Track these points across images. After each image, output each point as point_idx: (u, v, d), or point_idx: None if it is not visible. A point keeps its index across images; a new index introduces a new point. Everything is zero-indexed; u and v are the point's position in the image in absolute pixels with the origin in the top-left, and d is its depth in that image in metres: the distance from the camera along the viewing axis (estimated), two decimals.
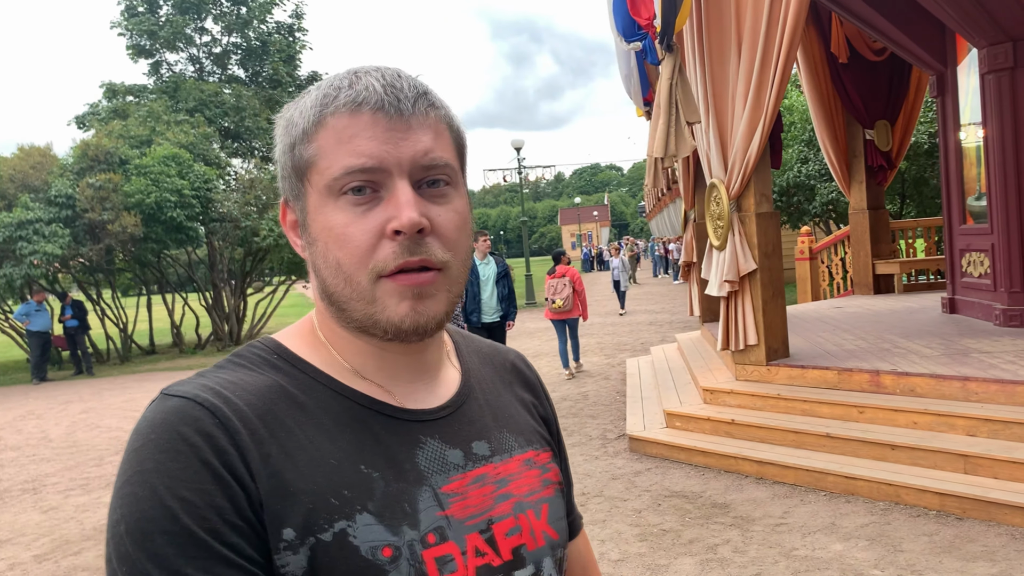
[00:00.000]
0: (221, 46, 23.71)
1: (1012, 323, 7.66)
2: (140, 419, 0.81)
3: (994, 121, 7.80)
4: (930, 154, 15.57)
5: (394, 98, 0.84)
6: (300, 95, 0.90)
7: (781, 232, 7.34)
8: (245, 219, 18.34)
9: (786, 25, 6.32)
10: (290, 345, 0.92)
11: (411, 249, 0.83)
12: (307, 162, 0.86)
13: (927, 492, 5.04)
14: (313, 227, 0.87)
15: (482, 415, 0.99)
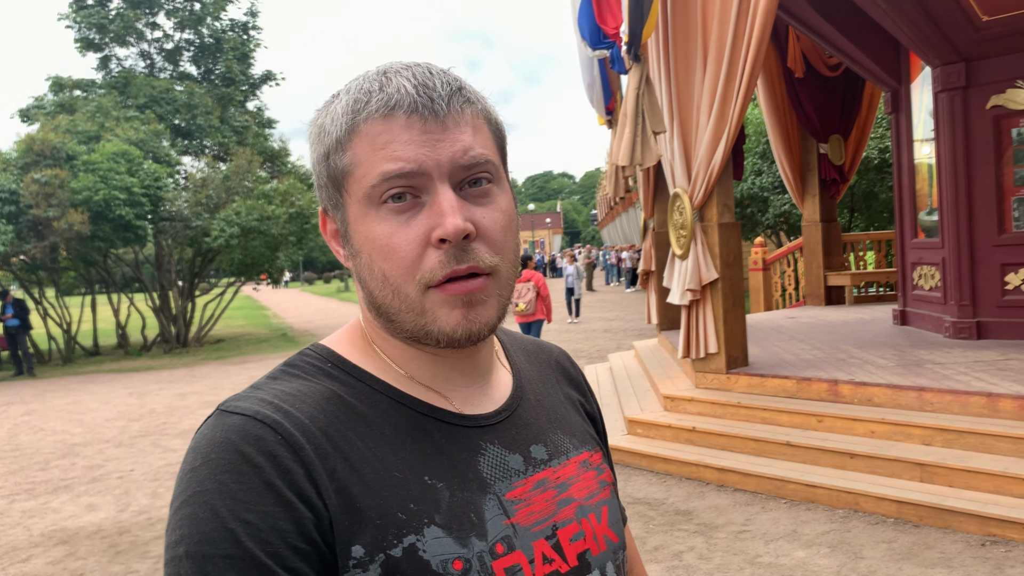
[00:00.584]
0: (173, 42, 23.26)
1: (961, 335, 7.86)
2: (197, 437, 0.79)
3: (946, 138, 8.02)
4: (880, 169, 15.96)
5: (427, 98, 0.81)
6: (330, 99, 0.87)
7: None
8: (196, 219, 18.02)
9: (751, 39, 6.41)
10: (343, 352, 0.90)
11: (458, 257, 0.81)
12: (343, 171, 0.84)
13: (885, 500, 5.14)
14: (356, 238, 0.85)
15: (537, 417, 0.97)
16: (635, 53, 6.96)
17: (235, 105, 23.43)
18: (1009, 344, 7.40)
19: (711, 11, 6.76)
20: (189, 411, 10.96)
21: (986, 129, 7.74)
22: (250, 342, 21.00)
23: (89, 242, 16.76)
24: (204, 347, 20.29)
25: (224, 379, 14.13)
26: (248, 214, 17.67)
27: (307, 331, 23.43)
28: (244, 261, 19.33)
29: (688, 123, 7.09)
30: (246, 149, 20.38)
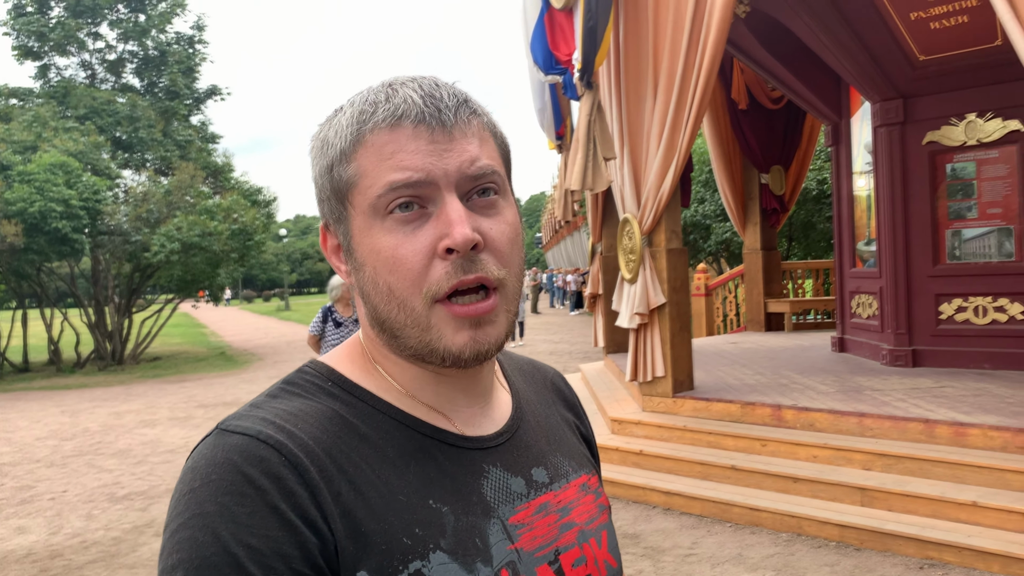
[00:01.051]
0: (116, 53, 22.85)
1: (898, 363, 8.10)
2: (196, 456, 0.76)
3: (884, 171, 8.29)
4: (818, 200, 16.40)
5: (434, 108, 0.80)
6: (333, 113, 0.86)
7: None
8: (136, 233, 17.63)
9: (701, 71, 6.56)
10: (343, 370, 0.88)
11: (465, 267, 0.79)
12: (347, 183, 0.82)
13: (828, 524, 5.24)
14: (359, 251, 0.83)
15: (537, 439, 0.96)
16: (587, 80, 7.06)
17: (179, 119, 23.07)
18: (943, 372, 7.64)
19: (662, 42, 6.90)
20: (125, 430, 10.67)
21: (922, 164, 8.02)
22: (188, 360, 20.55)
23: (22, 255, 16.27)
24: (140, 365, 19.79)
25: (161, 398, 13.79)
26: (190, 230, 17.35)
27: (246, 350, 23.03)
28: (184, 277, 18.94)
29: (638, 150, 7.21)
30: (189, 164, 20.05)
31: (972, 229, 7.81)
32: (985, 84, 7.58)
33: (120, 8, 22.36)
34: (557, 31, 7.83)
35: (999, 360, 7.58)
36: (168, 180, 19.98)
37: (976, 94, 7.66)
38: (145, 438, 10.06)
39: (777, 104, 11.23)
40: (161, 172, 22.17)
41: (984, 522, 4.89)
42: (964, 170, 7.84)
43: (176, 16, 22.91)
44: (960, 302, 7.82)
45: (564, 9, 7.41)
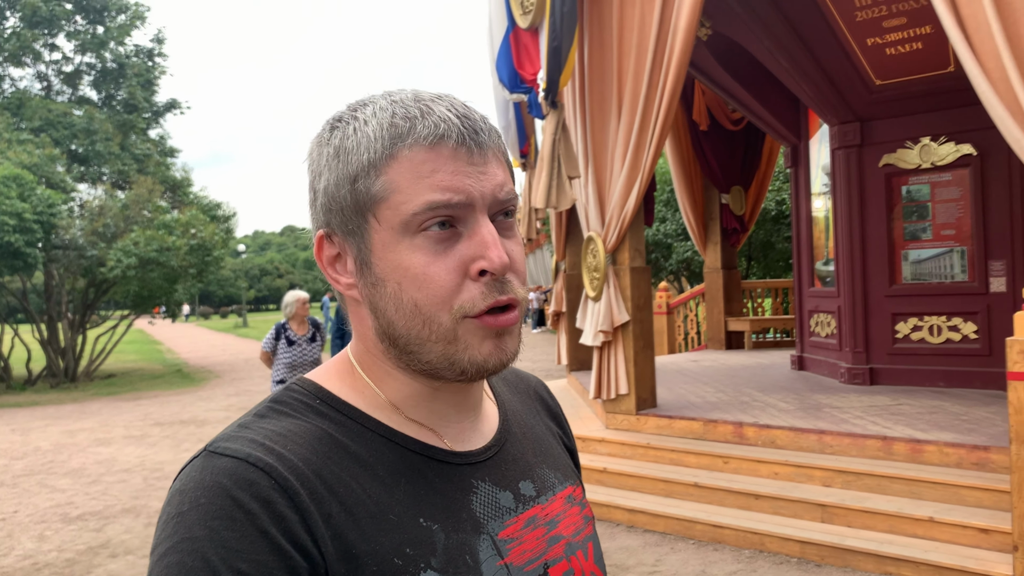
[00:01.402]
0: (73, 65, 22.52)
1: (855, 381, 8.23)
2: (184, 479, 0.75)
3: (842, 193, 8.46)
4: (777, 220, 16.66)
5: (472, 131, 0.81)
6: (345, 121, 0.84)
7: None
8: (91, 248, 17.32)
9: (664, 92, 6.65)
10: (331, 387, 0.87)
11: (499, 289, 0.80)
12: (375, 197, 0.81)
13: (789, 540, 5.30)
14: (380, 266, 0.82)
15: (523, 452, 0.96)
16: (552, 100, 7.12)
17: (137, 132, 22.77)
18: (900, 390, 7.79)
19: (627, 63, 6.99)
20: (79, 449, 10.44)
21: (879, 185, 8.21)
22: (143, 378, 20.18)
23: None
24: (94, 382, 19.38)
25: (116, 416, 13.52)
26: (147, 244, 17.09)
27: (203, 367, 22.69)
28: (140, 293, 18.63)
29: (603, 169, 7.28)
30: (147, 178, 19.78)
31: (927, 250, 8.00)
32: (939, 109, 7.79)
33: (78, 19, 22.07)
34: (522, 50, 7.89)
35: (953, 378, 7.75)
36: (125, 194, 19.70)
37: (930, 118, 7.86)
38: (99, 457, 9.85)
39: (737, 126, 11.42)
40: (118, 186, 21.84)
41: (940, 537, 4.98)
42: (919, 192, 8.03)
43: (135, 29, 22.66)
44: (915, 321, 7.99)
45: (529, 29, 7.47)
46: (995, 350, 7.42)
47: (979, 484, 5.12)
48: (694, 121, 11.26)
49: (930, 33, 7.34)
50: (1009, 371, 4.38)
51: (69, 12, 21.63)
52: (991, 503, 5.04)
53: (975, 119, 7.10)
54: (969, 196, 7.69)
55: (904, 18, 7.39)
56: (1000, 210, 7.52)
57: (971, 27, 4.88)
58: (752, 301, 13.62)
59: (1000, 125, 4.80)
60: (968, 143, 7.61)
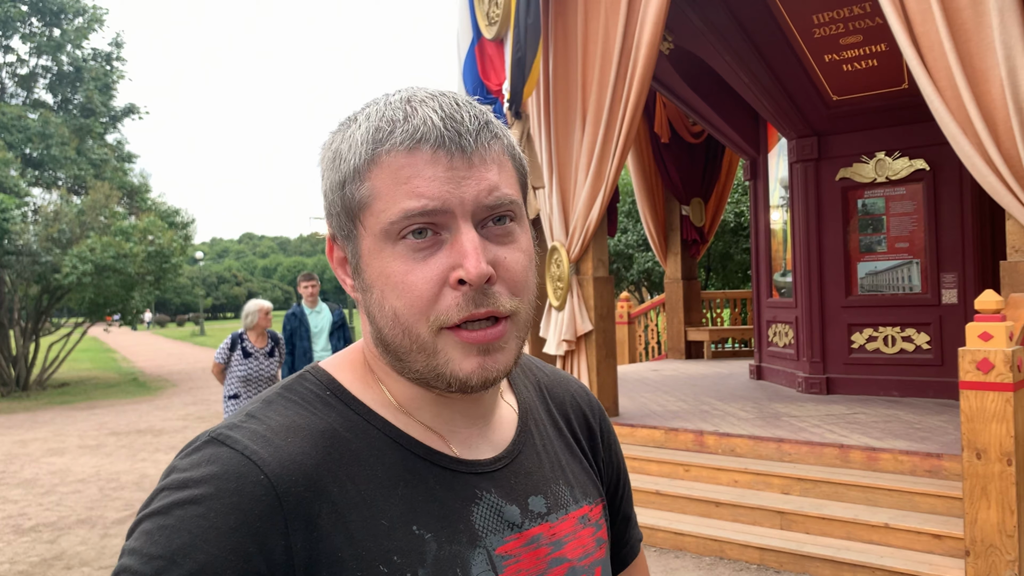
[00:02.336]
0: (28, 67, 22.11)
1: (812, 390, 8.38)
2: (181, 455, 0.76)
3: (799, 205, 8.62)
4: (735, 232, 16.91)
5: (454, 132, 0.77)
6: (347, 123, 0.83)
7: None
8: (45, 254, 16.98)
9: (628, 104, 6.73)
10: (343, 380, 0.86)
11: (476, 300, 0.77)
12: (360, 203, 0.79)
13: (749, 547, 5.38)
14: (367, 272, 0.81)
15: (539, 465, 0.92)
16: (516, 110, 7.17)
17: (94, 137, 22.40)
18: (855, 399, 7.94)
19: (591, 75, 7.07)
20: (31, 459, 10.22)
21: (835, 199, 8.38)
22: (98, 386, 19.81)
23: None
24: (47, 391, 18.98)
25: (70, 425, 13.25)
26: (103, 251, 16.82)
27: (160, 376, 22.34)
28: (96, 300, 18.30)
29: (567, 180, 7.34)
30: (104, 183, 19.47)
31: (882, 262, 8.18)
32: (893, 124, 7.99)
33: (34, 22, 21.68)
34: (487, 61, 7.94)
35: (907, 388, 7.93)
36: (82, 199, 19.36)
37: (885, 134, 8.06)
38: (53, 467, 9.65)
39: (698, 138, 11.58)
40: (74, 191, 21.47)
41: (895, 543, 5.09)
42: (874, 205, 8.22)
43: (93, 32, 22.33)
44: (871, 332, 8.16)
45: (495, 40, 7.52)
46: (947, 360, 7.61)
47: (932, 491, 5.25)
48: (655, 133, 11.40)
49: (885, 51, 7.53)
50: (961, 380, 4.51)
51: (24, 14, 21.25)
52: (944, 509, 5.17)
53: (928, 135, 7.30)
54: (922, 210, 7.89)
55: (860, 36, 7.57)
56: (952, 224, 7.72)
57: (924, 45, 5.04)
58: (711, 311, 13.79)
59: (952, 141, 4.95)
60: (921, 158, 7.82)
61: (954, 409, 6.96)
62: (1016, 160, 4.73)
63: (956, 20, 4.92)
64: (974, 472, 4.46)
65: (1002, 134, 4.78)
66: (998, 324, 4.44)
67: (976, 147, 4.86)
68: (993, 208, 7.39)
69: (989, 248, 7.65)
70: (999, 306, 4.50)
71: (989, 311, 4.50)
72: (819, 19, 7.57)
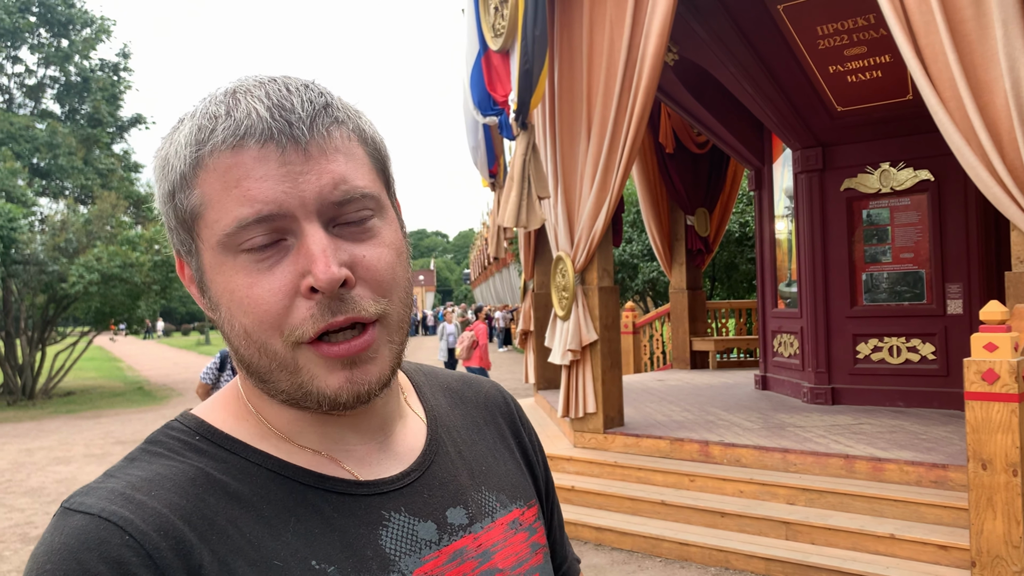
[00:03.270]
0: (36, 78, 22.25)
1: (818, 400, 8.38)
2: (38, 543, 0.67)
3: (804, 216, 8.63)
4: (740, 242, 16.91)
5: (284, 123, 0.68)
6: (176, 125, 0.73)
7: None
8: (52, 263, 17.06)
9: (633, 115, 6.76)
10: (214, 421, 0.78)
11: (333, 308, 0.69)
12: (192, 213, 0.71)
13: (754, 557, 5.37)
14: (213, 289, 0.72)
15: (456, 474, 0.85)
16: (522, 121, 7.21)
17: (101, 147, 22.53)
18: (861, 409, 7.93)
19: (596, 87, 7.10)
20: (37, 468, 10.24)
21: (840, 209, 8.39)
22: (104, 395, 19.85)
23: None
24: (53, 400, 19.03)
25: (76, 434, 13.29)
26: (110, 260, 16.88)
27: (165, 385, 22.37)
28: (102, 309, 18.36)
29: (572, 190, 7.37)
30: (111, 193, 19.56)
31: (886, 272, 8.18)
32: (898, 135, 8.00)
33: (42, 32, 21.84)
34: (494, 72, 7.98)
35: (912, 398, 7.92)
36: (88, 209, 19.46)
37: (890, 144, 8.08)
38: (59, 476, 9.68)
39: (702, 149, 11.61)
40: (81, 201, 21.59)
41: (901, 554, 5.08)
42: (879, 216, 8.22)
43: (101, 43, 22.48)
44: (876, 342, 8.16)
45: (501, 51, 7.57)
46: (952, 371, 7.60)
47: (938, 502, 5.24)
48: (660, 144, 11.43)
49: (890, 62, 7.56)
50: (966, 391, 4.51)
51: (33, 25, 21.41)
52: (950, 520, 5.16)
53: (932, 146, 7.32)
54: (927, 220, 7.90)
55: (865, 47, 7.60)
56: (956, 234, 7.73)
57: (929, 56, 5.06)
58: (716, 321, 13.80)
59: (956, 152, 4.96)
60: (926, 169, 7.83)
61: (960, 420, 6.95)
62: (1020, 171, 4.74)
63: (960, 31, 4.94)
64: (980, 483, 4.46)
65: (1006, 145, 4.79)
66: (1003, 335, 4.44)
67: (980, 158, 4.87)
68: (998, 219, 7.40)
69: (994, 259, 7.66)
70: (1004, 317, 4.51)
71: (994, 322, 4.50)
72: (823, 30, 7.60)
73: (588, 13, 7.16)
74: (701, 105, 9.41)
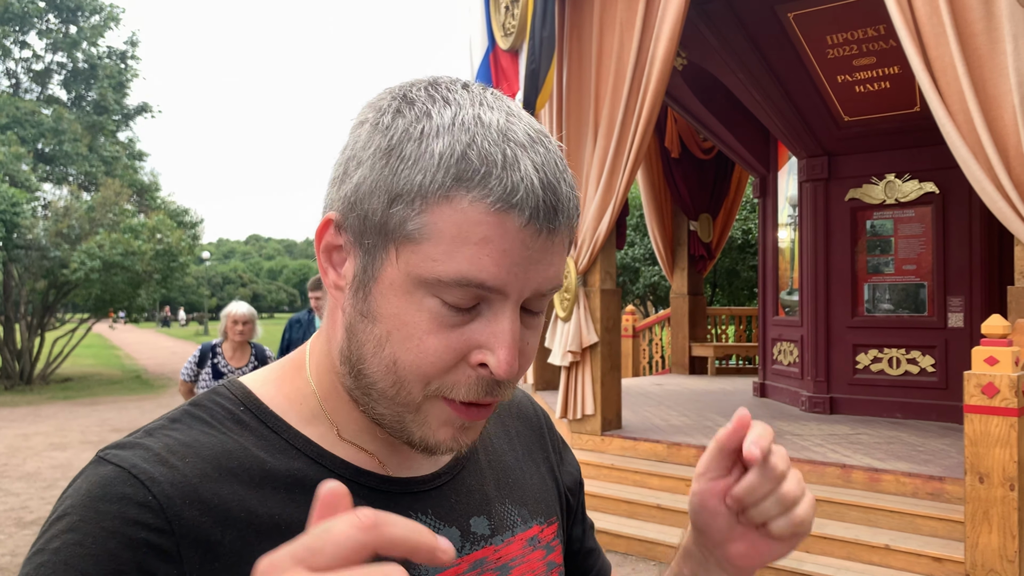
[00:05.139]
0: (43, 63, 22.25)
1: (816, 409, 8.38)
2: (71, 484, 0.68)
3: (808, 225, 8.64)
4: (742, 249, 16.92)
5: (551, 209, 0.65)
6: (422, 112, 0.66)
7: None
8: (54, 249, 17.07)
9: (640, 119, 6.77)
10: (263, 393, 0.77)
11: (490, 389, 0.69)
12: (407, 233, 0.66)
13: None
14: (379, 303, 0.69)
15: (482, 483, 0.84)
16: None
17: (106, 134, 22.53)
18: (858, 419, 7.94)
19: (604, 90, 7.11)
20: (33, 452, 10.25)
21: (844, 219, 8.40)
22: (101, 383, 19.85)
23: None
24: (50, 385, 19.03)
25: (72, 420, 13.29)
26: (112, 248, 16.89)
27: (163, 374, 22.37)
28: (102, 297, 18.38)
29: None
30: (114, 181, 19.57)
31: (888, 283, 8.19)
32: (904, 147, 8.01)
33: (50, 18, 21.84)
34: (500, 72, 7.99)
35: (910, 410, 7.92)
36: (92, 196, 19.47)
37: (896, 156, 8.08)
38: (55, 461, 9.68)
39: (708, 154, 11.62)
40: (85, 187, 21.58)
41: (895, 565, 5.09)
42: (883, 227, 8.23)
43: (109, 30, 22.48)
44: (876, 353, 8.16)
45: (510, 51, 7.57)
46: (951, 384, 7.61)
47: (934, 513, 5.25)
48: (666, 148, 11.44)
49: (898, 73, 7.56)
50: (965, 404, 4.52)
51: (42, 10, 21.41)
52: (945, 532, 5.17)
53: (938, 159, 7.32)
54: (931, 233, 7.91)
55: (874, 57, 7.60)
56: (960, 248, 7.73)
57: (938, 69, 5.06)
58: (716, 327, 13.80)
59: (963, 166, 4.97)
60: (931, 181, 7.83)
61: (957, 432, 6.95)
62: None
63: (970, 45, 4.94)
64: (976, 496, 4.46)
65: (1013, 159, 4.80)
66: (1004, 349, 4.45)
67: (987, 172, 4.88)
68: (1002, 233, 7.40)
69: (996, 273, 7.66)
70: (1006, 331, 4.52)
71: (996, 336, 4.51)
72: (833, 40, 7.60)
73: (599, 15, 7.17)
74: (708, 111, 9.41)
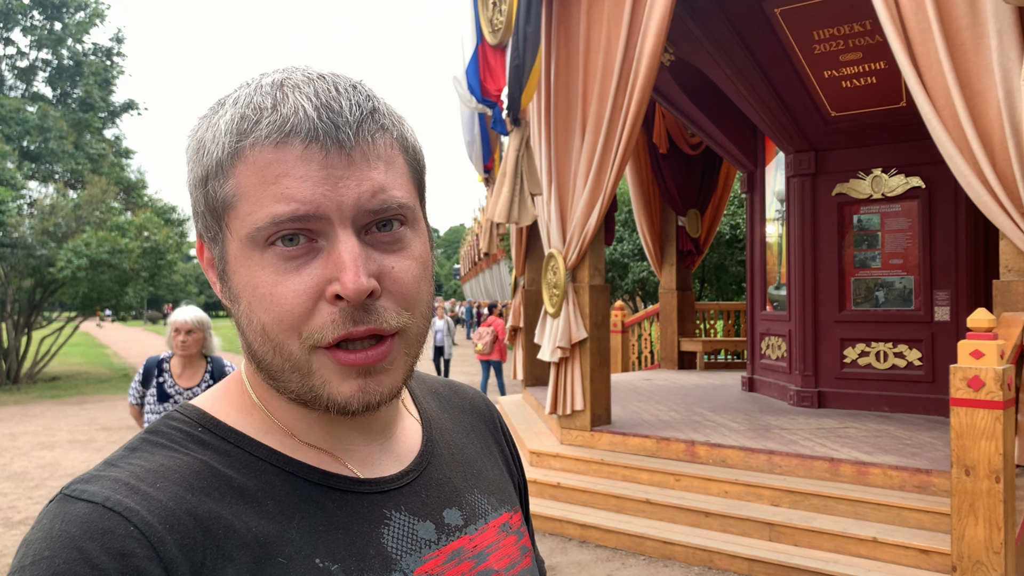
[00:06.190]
0: (28, 60, 22.08)
1: (804, 403, 8.42)
2: (34, 527, 0.65)
3: (795, 219, 8.67)
4: (730, 244, 16.96)
5: (331, 124, 0.67)
6: (215, 106, 0.72)
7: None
8: (40, 247, 16.95)
9: (628, 114, 6.77)
10: (217, 412, 0.77)
11: (356, 317, 0.68)
12: (224, 202, 0.70)
13: (738, 558, 5.40)
14: (235, 281, 0.71)
15: (450, 475, 0.85)
16: (514, 117, 7.20)
17: (92, 132, 22.36)
18: (846, 413, 7.98)
19: (592, 85, 7.11)
20: (21, 452, 10.19)
21: (831, 214, 8.43)
22: (89, 381, 19.75)
23: None
24: (38, 384, 18.92)
25: (60, 419, 13.22)
26: (99, 246, 16.78)
27: None
28: (88, 295, 18.26)
29: (565, 188, 7.38)
30: (101, 178, 19.44)
31: (876, 278, 8.23)
32: (890, 142, 8.05)
33: (35, 15, 21.65)
34: (486, 68, 7.97)
35: (897, 403, 7.97)
36: (78, 194, 19.33)
37: (882, 151, 8.12)
38: (43, 461, 9.63)
39: (696, 150, 11.64)
40: (71, 185, 21.44)
41: (883, 557, 5.12)
42: (869, 222, 8.27)
43: (94, 27, 22.30)
44: (863, 347, 8.20)
45: (498, 46, 7.56)
46: (938, 377, 7.66)
47: (921, 506, 5.28)
48: (654, 144, 11.45)
49: (884, 68, 7.59)
50: (952, 397, 4.55)
51: (26, 7, 21.23)
52: (932, 525, 5.20)
53: (924, 153, 7.36)
54: (917, 227, 7.94)
55: (860, 53, 7.63)
56: (946, 242, 7.78)
57: (923, 64, 5.09)
58: (705, 323, 13.83)
59: (948, 160, 4.99)
60: (917, 176, 7.87)
61: (944, 426, 7.00)
62: (1011, 180, 4.78)
63: (955, 40, 4.97)
64: (963, 488, 4.49)
65: (998, 154, 4.83)
66: (990, 342, 4.48)
67: (972, 166, 4.91)
68: (987, 227, 7.45)
69: (982, 267, 7.71)
70: (991, 324, 4.54)
71: (981, 329, 4.54)
72: (820, 35, 7.62)
73: (586, 11, 7.17)
74: (696, 106, 9.42)
